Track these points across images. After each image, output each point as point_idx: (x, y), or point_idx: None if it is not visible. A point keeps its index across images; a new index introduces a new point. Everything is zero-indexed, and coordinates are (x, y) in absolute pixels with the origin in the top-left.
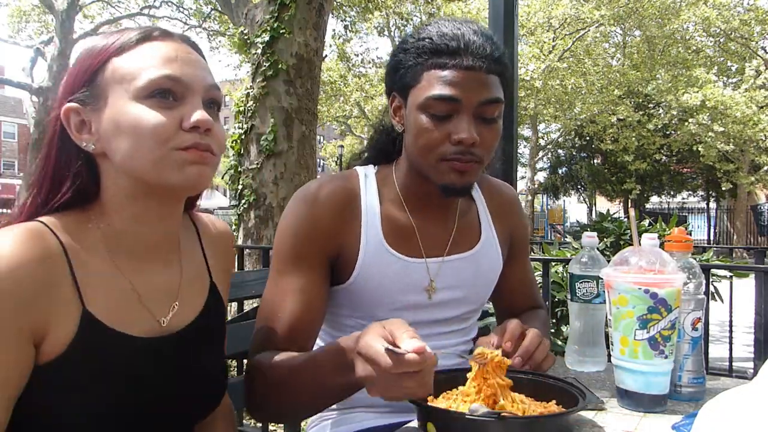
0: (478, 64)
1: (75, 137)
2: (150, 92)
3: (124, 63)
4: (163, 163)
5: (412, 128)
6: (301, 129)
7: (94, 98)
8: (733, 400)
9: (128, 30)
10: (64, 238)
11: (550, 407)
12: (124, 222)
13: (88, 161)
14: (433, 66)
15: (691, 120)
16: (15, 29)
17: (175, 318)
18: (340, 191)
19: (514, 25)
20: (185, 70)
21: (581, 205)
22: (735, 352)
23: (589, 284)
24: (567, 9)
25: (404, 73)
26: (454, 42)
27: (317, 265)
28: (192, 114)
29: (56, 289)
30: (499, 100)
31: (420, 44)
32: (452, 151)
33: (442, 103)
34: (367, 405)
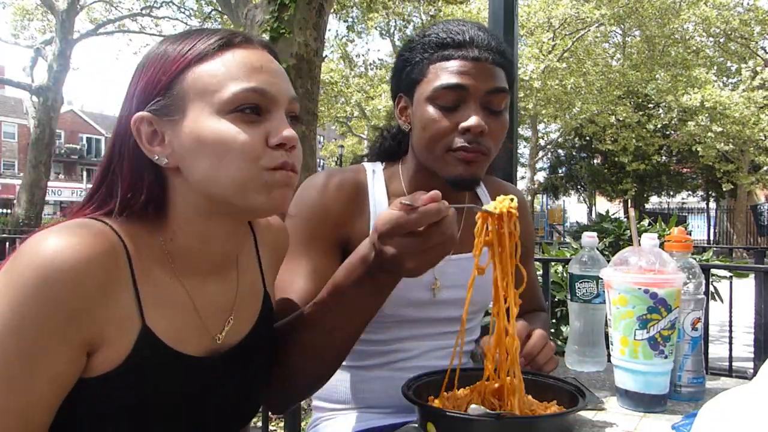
0: (485, 56)
1: (146, 149)
2: (235, 106)
3: (205, 72)
4: (252, 184)
5: (419, 121)
6: (301, 129)
7: (170, 109)
8: (733, 400)
9: (204, 34)
10: (128, 242)
11: (550, 407)
12: (189, 239)
13: (158, 174)
14: (440, 58)
15: (690, 122)
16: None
17: (229, 334)
18: (350, 182)
19: (514, 25)
20: (270, 82)
21: (581, 205)
22: (735, 352)
23: (589, 284)
24: (567, 9)
25: (410, 70)
26: (460, 35)
27: (328, 249)
28: (278, 130)
29: (116, 298)
30: (505, 90)
31: (426, 40)
32: (460, 140)
33: (450, 92)
34: (367, 405)
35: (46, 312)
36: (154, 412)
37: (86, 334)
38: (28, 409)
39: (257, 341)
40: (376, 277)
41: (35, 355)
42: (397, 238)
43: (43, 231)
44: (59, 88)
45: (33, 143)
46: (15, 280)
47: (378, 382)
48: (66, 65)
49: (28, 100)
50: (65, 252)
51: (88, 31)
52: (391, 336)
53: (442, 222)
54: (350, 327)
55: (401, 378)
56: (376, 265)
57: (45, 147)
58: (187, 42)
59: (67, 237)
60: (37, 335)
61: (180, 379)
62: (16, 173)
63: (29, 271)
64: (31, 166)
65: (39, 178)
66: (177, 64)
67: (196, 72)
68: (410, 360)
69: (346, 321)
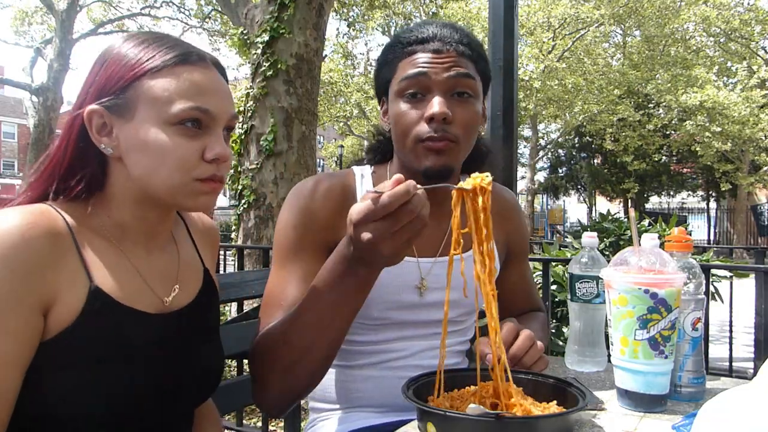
0: (446, 47)
1: (95, 138)
2: (179, 120)
3: (158, 85)
4: (181, 190)
5: (392, 117)
6: (301, 129)
7: (122, 108)
8: (733, 400)
9: (164, 46)
10: (68, 218)
11: (550, 407)
12: (125, 216)
13: (100, 159)
14: (405, 55)
15: (688, 122)
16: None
17: (176, 299)
18: (337, 187)
19: (514, 25)
20: (215, 102)
21: (581, 205)
22: (735, 352)
23: (589, 284)
24: (567, 9)
25: (384, 72)
26: (424, 32)
27: (317, 255)
28: (214, 146)
29: (63, 264)
30: (469, 76)
31: (395, 41)
32: (426, 130)
33: (413, 81)
34: (362, 405)
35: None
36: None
37: (39, 295)
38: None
39: (202, 308)
40: (356, 271)
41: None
42: (370, 224)
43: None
44: (59, 88)
45: (33, 143)
46: None
47: (371, 382)
48: (66, 65)
49: (28, 100)
50: (15, 222)
51: (87, 31)
52: (381, 338)
53: (410, 201)
54: (336, 324)
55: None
56: (355, 258)
57: (45, 147)
58: (148, 51)
59: (16, 213)
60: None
61: (134, 334)
62: (16, 173)
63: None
64: (31, 166)
65: None
66: (134, 71)
67: (150, 83)
68: (402, 360)
69: (331, 318)
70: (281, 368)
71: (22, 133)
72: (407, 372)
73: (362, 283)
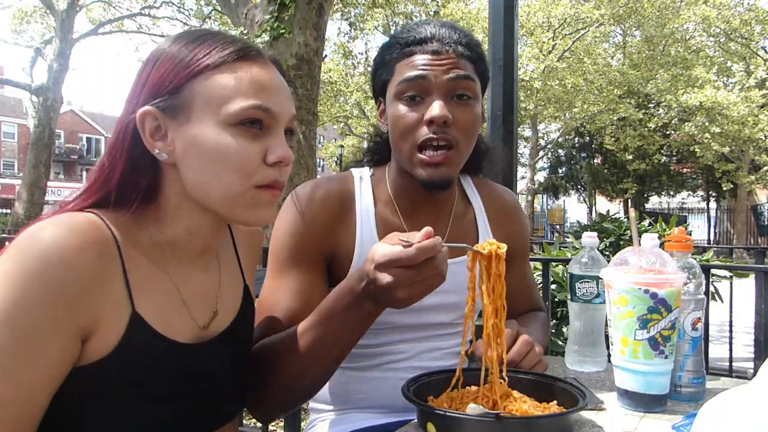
0: (445, 49)
1: (148, 143)
2: (240, 120)
3: (216, 83)
4: (240, 200)
5: (390, 120)
6: (301, 129)
7: (177, 109)
8: (733, 400)
9: (220, 42)
10: (117, 233)
11: (550, 407)
12: (177, 231)
13: (155, 166)
14: (404, 56)
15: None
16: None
17: (214, 323)
18: (335, 192)
19: (514, 25)
20: (276, 101)
21: (581, 205)
22: (735, 352)
23: (589, 284)
24: (567, 8)
25: (381, 73)
26: (422, 32)
27: (314, 264)
28: (277, 148)
29: (108, 286)
30: (469, 78)
31: (392, 42)
32: (426, 132)
33: (412, 84)
34: (361, 406)
35: (47, 298)
36: (145, 396)
37: (81, 321)
38: (20, 397)
39: (239, 330)
40: (363, 306)
41: (31, 343)
42: (393, 269)
43: (40, 222)
44: (59, 88)
45: (33, 143)
46: (14, 269)
47: (371, 383)
48: (66, 65)
49: (28, 100)
50: (64, 240)
51: (87, 31)
52: (382, 341)
53: (435, 257)
54: (337, 350)
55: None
56: (366, 294)
57: (45, 147)
58: (203, 48)
59: (64, 227)
60: (34, 322)
61: (169, 363)
62: (16, 173)
63: (30, 259)
64: (31, 166)
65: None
66: (190, 69)
67: (209, 80)
68: (402, 361)
69: (332, 345)
70: (279, 385)
71: (22, 133)
72: (407, 373)
73: (367, 317)
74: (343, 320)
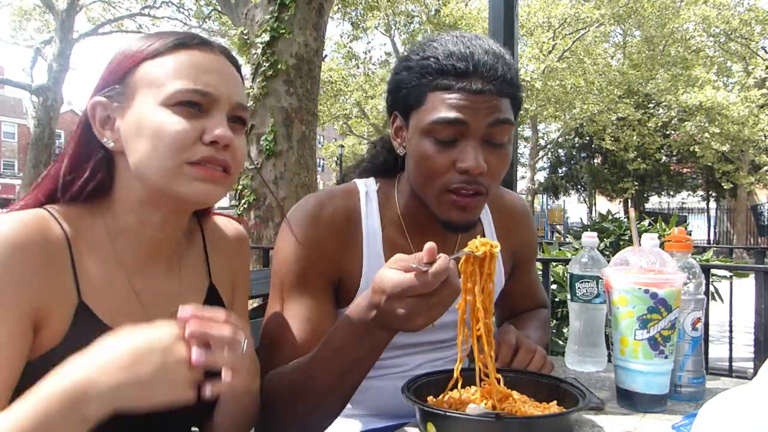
0: (488, 87)
1: (97, 131)
2: (177, 101)
3: (156, 67)
4: (173, 174)
5: (415, 153)
6: (301, 129)
7: (122, 96)
8: (733, 400)
9: (165, 35)
10: (68, 228)
11: (550, 407)
12: (129, 222)
13: (107, 157)
14: (439, 87)
15: (688, 123)
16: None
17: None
18: (341, 212)
19: (514, 25)
20: (216, 85)
21: (581, 205)
22: (735, 352)
23: (589, 284)
24: (567, 9)
25: (407, 94)
26: (462, 63)
27: (322, 290)
28: (214, 128)
29: (56, 278)
30: (509, 122)
31: (424, 63)
32: (457, 180)
33: (448, 127)
34: (363, 412)
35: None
36: None
37: (30, 304)
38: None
39: None
40: (375, 335)
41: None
42: (407, 299)
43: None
44: (59, 88)
45: (33, 143)
46: None
47: (371, 392)
48: (66, 65)
49: (28, 100)
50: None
51: (87, 31)
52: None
53: (448, 276)
54: (352, 380)
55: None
56: (378, 324)
57: (45, 147)
58: (148, 39)
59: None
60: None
61: None
62: (16, 173)
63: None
64: (31, 166)
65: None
66: (134, 58)
67: (149, 65)
68: (403, 372)
69: (347, 375)
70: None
71: (22, 133)
72: None
73: (380, 344)
74: (354, 350)
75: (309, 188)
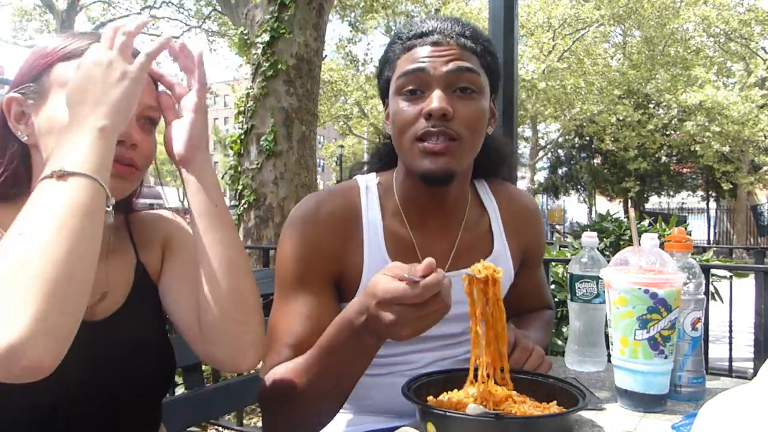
0: (447, 40)
1: (12, 125)
2: None
3: (69, 69)
4: None
5: (391, 117)
6: (301, 129)
7: (37, 95)
8: (733, 400)
9: (83, 37)
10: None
11: (550, 407)
12: None
13: (21, 150)
14: (404, 50)
15: (688, 122)
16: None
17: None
18: (340, 209)
19: (514, 25)
20: None
21: (581, 205)
22: (735, 352)
23: (589, 284)
24: (567, 9)
25: (385, 71)
26: (423, 26)
27: (323, 287)
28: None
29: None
30: (471, 70)
31: (394, 39)
32: (424, 125)
33: (410, 76)
34: (367, 411)
35: None
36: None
37: None
38: None
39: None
40: (362, 339)
41: None
42: (396, 306)
43: None
44: None
45: None
46: None
47: (380, 389)
48: None
49: None
50: None
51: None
52: (393, 351)
53: (440, 291)
54: (344, 382)
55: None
56: (366, 328)
57: None
58: (65, 40)
59: None
60: None
61: None
62: None
63: None
64: None
65: None
66: (48, 59)
67: (61, 68)
68: (411, 371)
69: (338, 378)
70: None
71: None
72: None
73: (368, 350)
74: (344, 353)
75: (309, 188)
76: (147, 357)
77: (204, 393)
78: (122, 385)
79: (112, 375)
